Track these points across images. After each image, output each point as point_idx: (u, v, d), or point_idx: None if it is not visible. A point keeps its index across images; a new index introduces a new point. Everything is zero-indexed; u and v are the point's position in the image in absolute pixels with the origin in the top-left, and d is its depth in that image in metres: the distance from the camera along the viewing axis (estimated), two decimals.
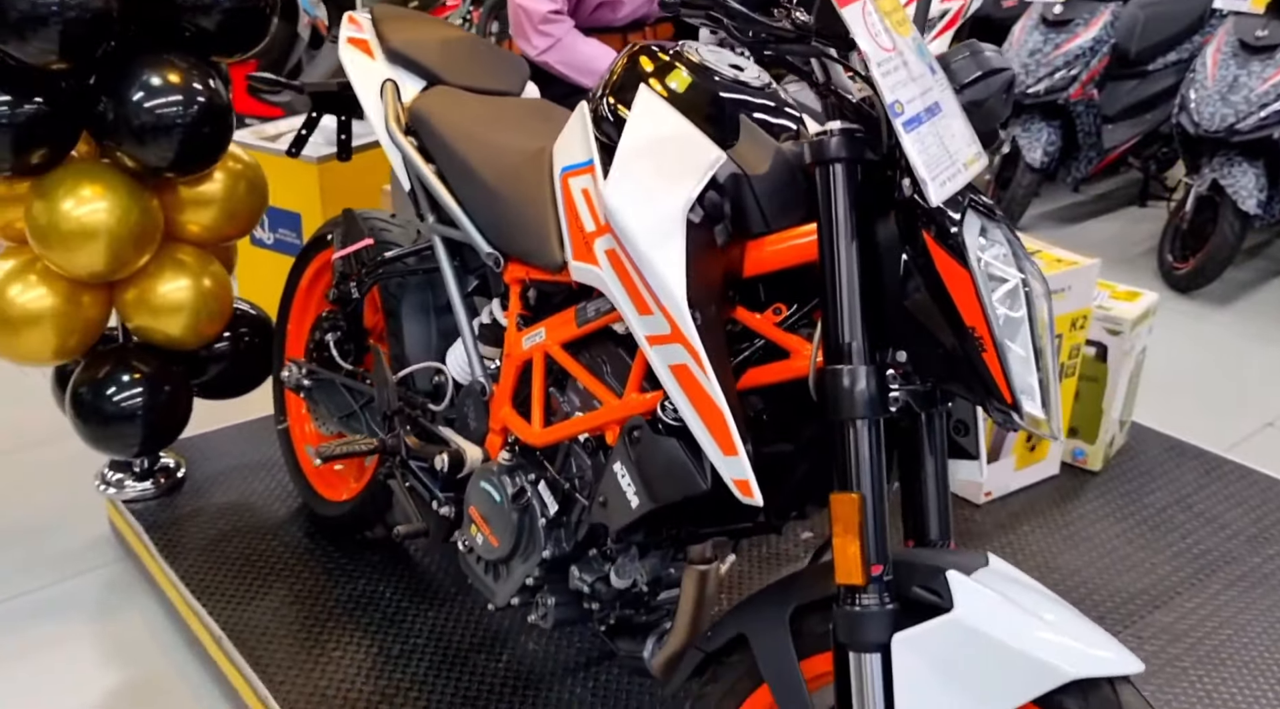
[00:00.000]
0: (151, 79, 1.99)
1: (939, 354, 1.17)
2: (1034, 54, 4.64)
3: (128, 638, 2.23)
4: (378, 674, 1.96)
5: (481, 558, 1.69)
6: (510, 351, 1.66)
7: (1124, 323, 2.54)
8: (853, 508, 1.15)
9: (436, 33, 1.99)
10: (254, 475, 2.54)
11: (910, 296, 1.16)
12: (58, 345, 2.17)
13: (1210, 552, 2.38)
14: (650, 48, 1.45)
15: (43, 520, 2.59)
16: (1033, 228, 5.05)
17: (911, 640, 1.14)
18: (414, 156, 1.79)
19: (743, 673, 1.31)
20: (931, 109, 1.10)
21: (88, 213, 2.02)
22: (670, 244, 1.22)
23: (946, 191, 1.09)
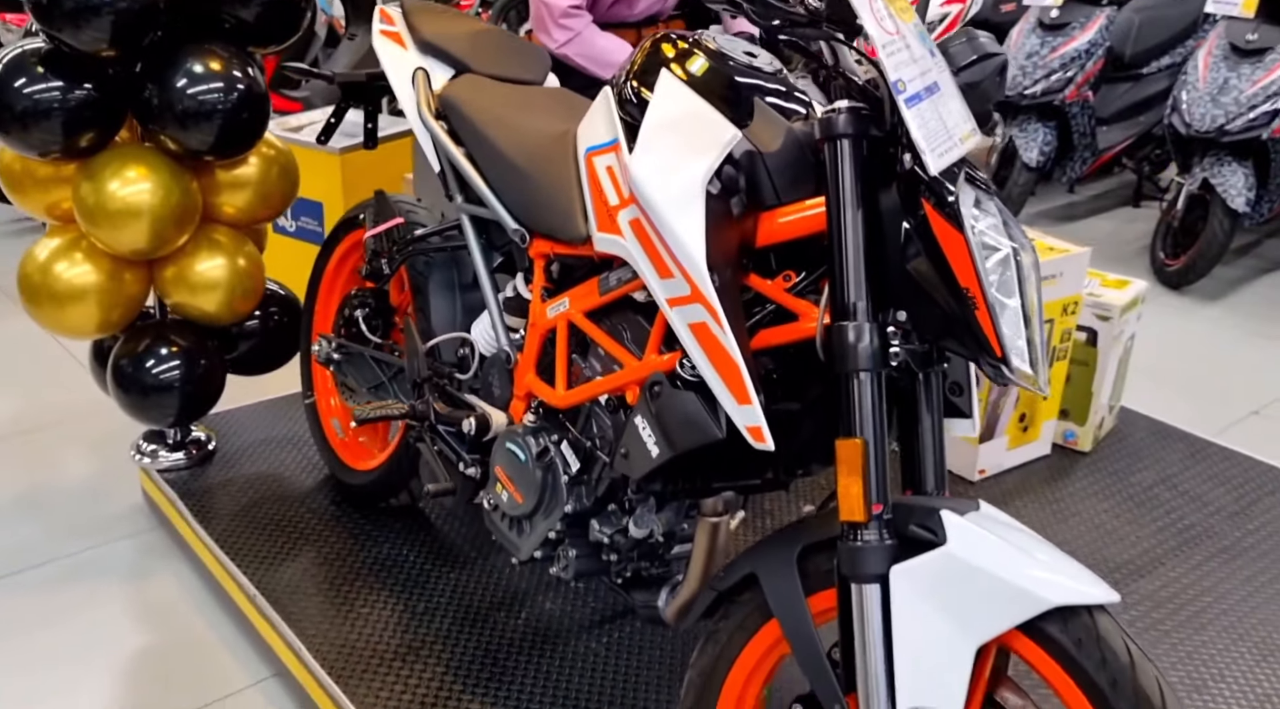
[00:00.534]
0: (194, 67, 2.11)
1: (937, 314, 1.29)
2: (1031, 56, 4.77)
3: (163, 599, 2.34)
4: (403, 629, 2.07)
5: (506, 515, 1.81)
6: (535, 321, 1.78)
7: (1113, 309, 2.66)
8: (856, 452, 1.27)
9: (464, 25, 2.11)
10: (282, 448, 2.65)
11: (910, 260, 1.28)
12: (101, 319, 2.29)
13: (1194, 526, 2.49)
14: (670, 36, 1.57)
15: (80, 491, 2.71)
16: (1029, 226, 5.16)
17: (908, 572, 1.25)
18: (444, 139, 1.91)
19: (753, 609, 1.42)
20: (931, 88, 1.21)
21: (132, 193, 2.14)
22: (691, 212, 1.34)
23: (944, 162, 1.21)
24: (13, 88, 2.04)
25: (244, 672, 2.15)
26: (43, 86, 2.05)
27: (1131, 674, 1.20)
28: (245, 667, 2.16)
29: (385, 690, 1.92)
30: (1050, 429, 2.75)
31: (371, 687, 1.92)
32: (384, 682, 1.94)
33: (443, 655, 2.01)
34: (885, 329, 1.29)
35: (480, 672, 1.98)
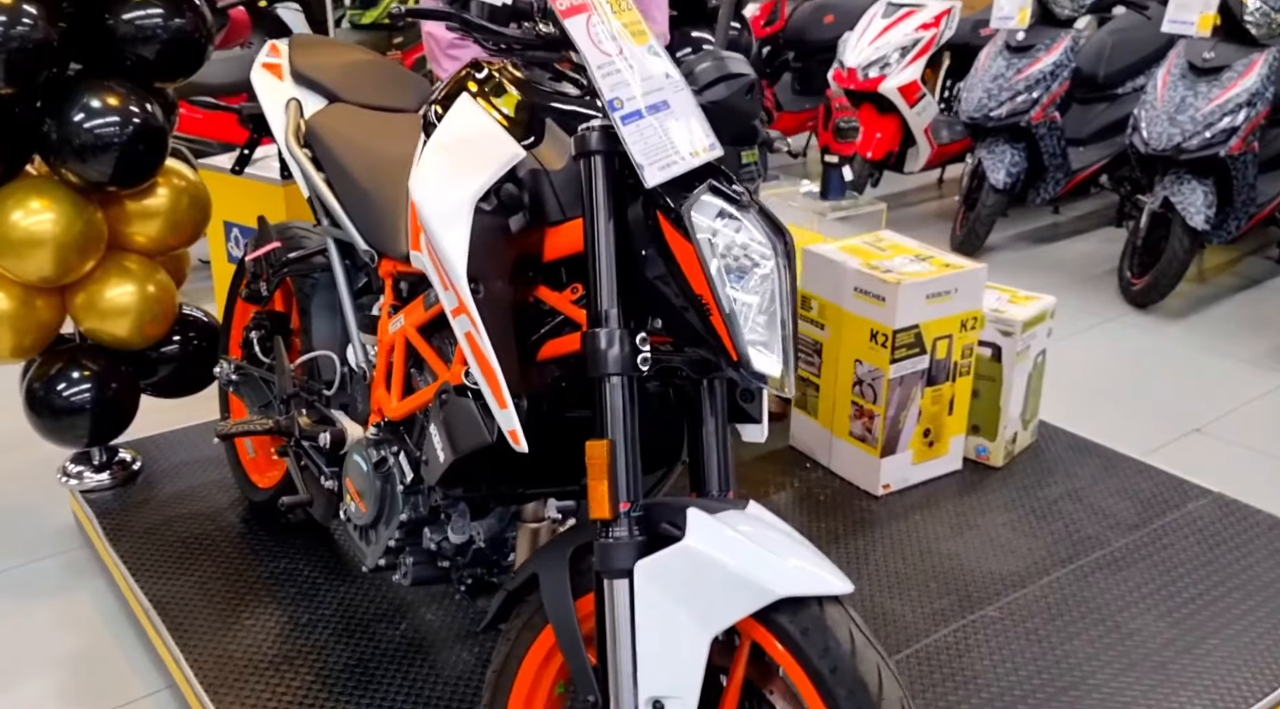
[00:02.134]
0: (91, 102, 2.23)
1: (682, 320, 1.34)
2: (996, 79, 4.79)
3: (78, 614, 2.43)
4: (284, 640, 2.14)
5: (355, 525, 1.88)
6: (381, 338, 1.85)
7: (1015, 324, 2.68)
8: (603, 453, 1.32)
9: (343, 56, 2.21)
10: (202, 470, 2.75)
11: (655, 271, 1.34)
12: (14, 344, 2.41)
13: (1088, 538, 2.49)
14: (481, 63, 1.64)
15: (15, 511, 2.82)
16: (1004, 247, 5.18)
17: (648, 566, 1.30)
18: (307, 166, 2.00)
19: (536, 609, 1.47)
20: (656, 106, 1.27)
21: (35, 223, 2.26)
22: (457, 227, 1.41)
23: (666, 175, 1.26)
24: None
25: (141, 683, 2.23)
26: None
27: (851, 661, 1.23)
28: (143, 678, 2.24)
29: (253, 700, 1.98)
30: (959, 444, 2.76)
31: (240, 696, 1.99)
32: (254, 692, 2.00)
33: (315, 665, 2.07)
34: (634, 335, 1.34)
35: (349, 681, 2.04)
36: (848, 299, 2.60)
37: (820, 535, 2.51)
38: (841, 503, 2.65)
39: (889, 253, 2.68)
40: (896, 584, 2.33)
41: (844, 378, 2.66)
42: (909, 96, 5.25)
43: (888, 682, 1.24)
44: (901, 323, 2.52)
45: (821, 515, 2.60)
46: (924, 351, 2.59)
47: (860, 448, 2.67)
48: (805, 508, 2.63)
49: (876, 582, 2.34)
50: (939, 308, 2.56)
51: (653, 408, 1.55)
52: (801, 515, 2.59)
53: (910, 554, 2.44)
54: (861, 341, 2.59)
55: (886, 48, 5.25)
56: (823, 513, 2.61)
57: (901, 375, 2.57)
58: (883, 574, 2.37)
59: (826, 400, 2.74)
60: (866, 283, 2.55)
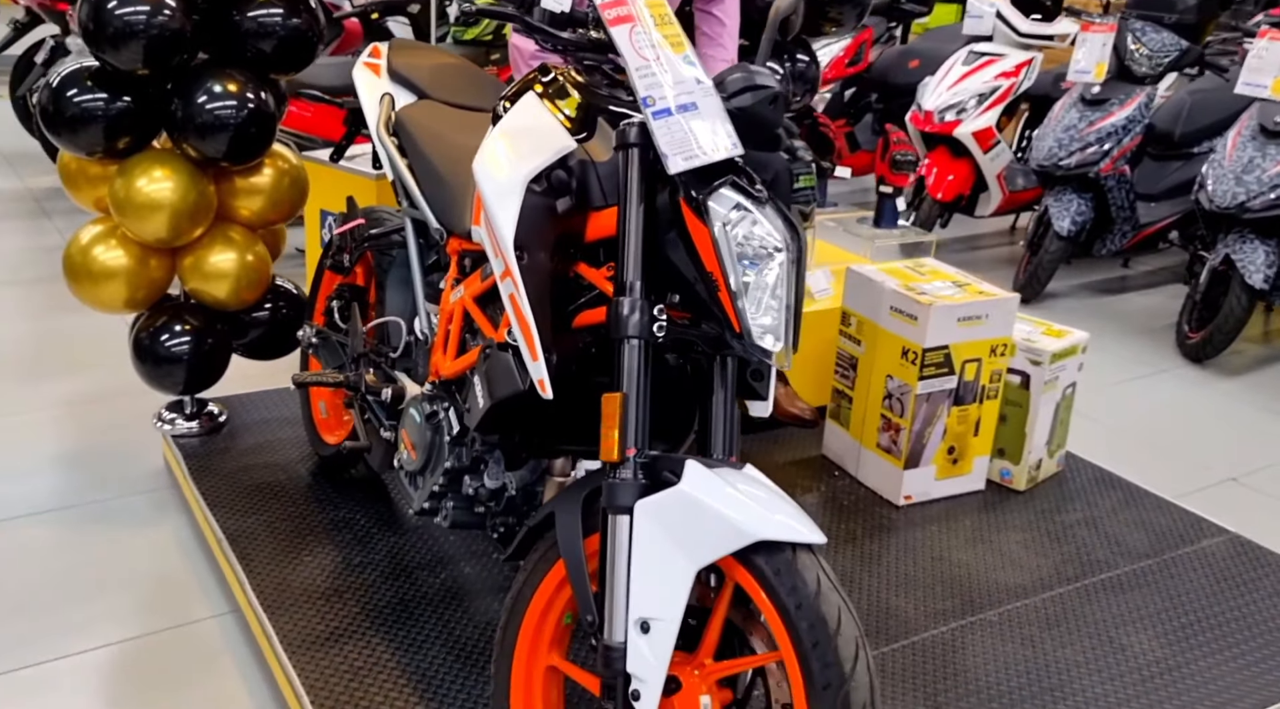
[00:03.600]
0: (213, 87, 2.52)
1: (695, 295, 1.54)
2: (1068, 129, 4.90)
3: (159, 543, 2.70)
4: (336, 576, 2.37)
5: (407, 471, 2.10)
6: (444, 307, 2.08)
7: (1044, 354, 2.81)
8: (616, 404, 1.52)
9: (435, 59, 2.46)
10: (279, 427, 3.01)
11: (674, 249, 1.54)
12: (128, 297, 2.70)
13: (1098, 562, 2.61)
14: (548, 67, 1.87)
15: (116, 452, 3.11)
16: (1067, 295, 5.26)
17: (647, 505, 1.49)
18: (393, 152, 2.25)
19: (552, 544, 1.67)
20: (685, 107, 1.48)
21: (156, 190, 2.55)
22: (510, 202, 1.62)
23: (686, 165, 1.46)
24: (66, 96, 2.48)
25: (209, 605, 2.47)
26: (89, 97, 2.49)
27: (815, 601, 1.41)
28: (211, 601, 2.49)
29: (306, 625, 2.21)
30: (983, 465, 2.90)
31: (295, 620, 2.22)
32: (306, 617, 2.24)
33: (362, 600, 2.30)
34: (653, 306, 1.54)
35: (391, 617, 2.26)
36: (884, 317, 2.77)
37: (839, 536, 2.67)
38: (863, 509, 2.80)
39: (928, 277, 2.84)
40: (903, 584, 2.47)
41: (875, 392, 2.82)
42: (983, 142, 5.38)
43: (845, 621, 1.41)
44: (931, 342, 2.67)
45: (843, 518, 2.75)
46: (952, 372, 2.73)
47: (886, 459, 2.83)
48: (829, 510, 2.79)
49: (884, 580, 2.49)
50: (969, 331, 2.71)
51: (672, 381, 1.75)
52: (824, 517, 2.75)
53: (922, 559, 2.58)
54: (894, 358, 2.75)
55: (964, 93, 5.39)
56: (844, 516, 2.76)
57: (929, 392, 2.72)
58: (892, 574, 2.51)
59: (858, 412, 2.90)
60: (901, 302, 2.71)
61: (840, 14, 3.21)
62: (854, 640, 1.41)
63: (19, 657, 2.26)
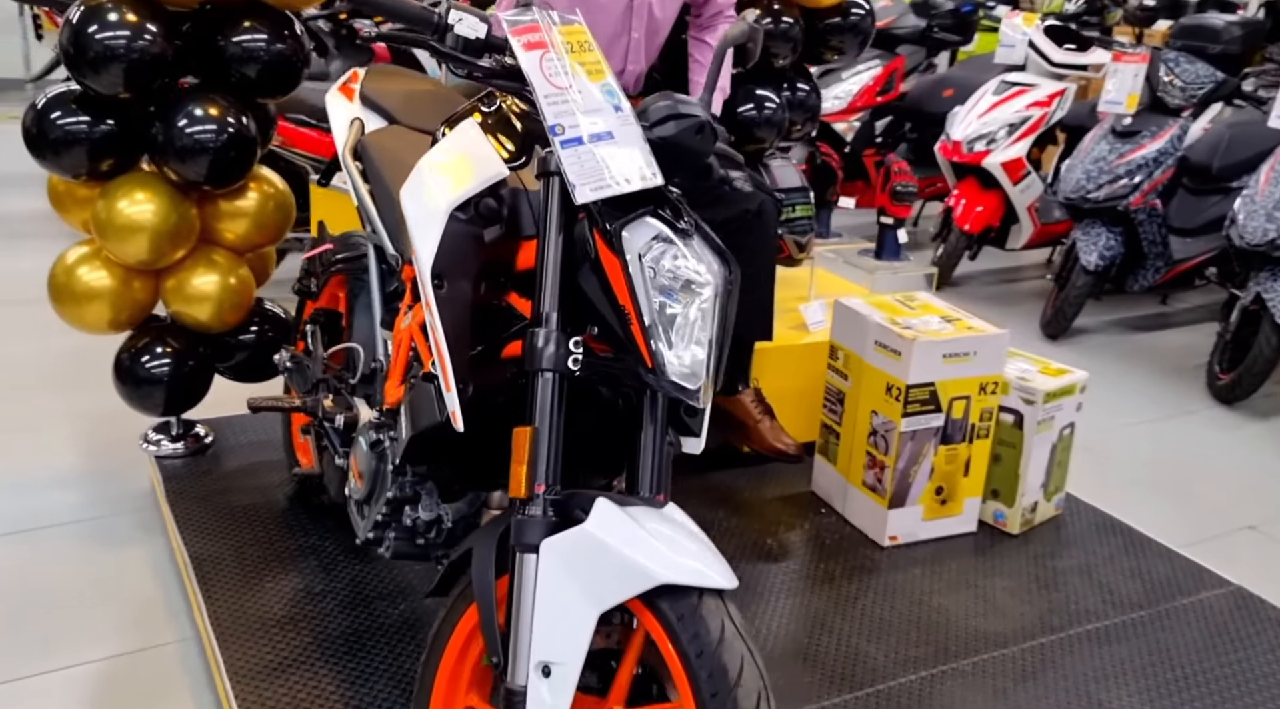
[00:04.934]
0: (194, 110, 2.53)
1: (610, 328, 1.49)
2: (1098, 161, 4.78)
3: (138, 563, 2.69)
4: (294, 604, 2.35)
5: (354, 499, 2.07)
6: (396, 334, 2.06)
7: (1037, 393, 2.71)
8: (525, 438, 1.47)
9: (409, 85, 2.45)
10: (263, 451, 3.01)
11: (588, 281, 1.49)
12: (112, 318, 2.72)
13: (1087, 612, 2.49)
14: (492, 93, 1.84)
15: (107, 472, 3.13)
16: (1098, 331, 5.11)
17: (552, 544, 1.44)
18: (356, 177, 2.23)
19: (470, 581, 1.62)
20: (600, 136, 1.43)
21: (136, 212, 2.56)
22: (430, 231, 1.59)
23: (597, 195, 1.42)
24: (49, 119, 2.51)
25: (175, 629, 2.46)
26: (73, 120, 2.52)
27: (717, 649, 1.35)
28: (176, 625, 2.47)
29: (255, 653, 2.19)
30: (974, 506, 2.79)
31: (245, 649, 2.20)
32: (257, 646, 2.21)
33: (316, 630, 2.27)
34: (568, 338, 1.49)
35: (343, 647, 2.22)
36: (869, 352, 2.69)
37: (816, 577, 2.58)
38: (846, 549, 2.71)
39: (917, 311, 2.76)
40: (876, 629, 2.38)
41: (861, 428, 2.74)
42: (1013, 173, 5.26)
43: (748, 672, 1.34)
44: (915, 379, 2.59)
45: (824, 558, 2.67)
46: (939, 409, 2.65)
47: (871, 497, 2.74)
48: (810, 549, 2.70)
49: (856, 624, 2.40)
50: (957, 368, 2.62)
51: (603, 415, 1.70)
52: (804, 556, 2.67)
53: (899, 604, 2.49)
54: (878, 394, 2.67)
55: (994, 123, 5.29)
56: (826, 556, 2.68)
57: (914, 430, 2.64)
58: (866, 618, 2.42)
59: (845, 449, 2.82)
60: (886, 337, 2.63)
61: (841, 42, 3.15)
62: (756, 693, 1.35)
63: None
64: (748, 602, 2.46)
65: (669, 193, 1.54)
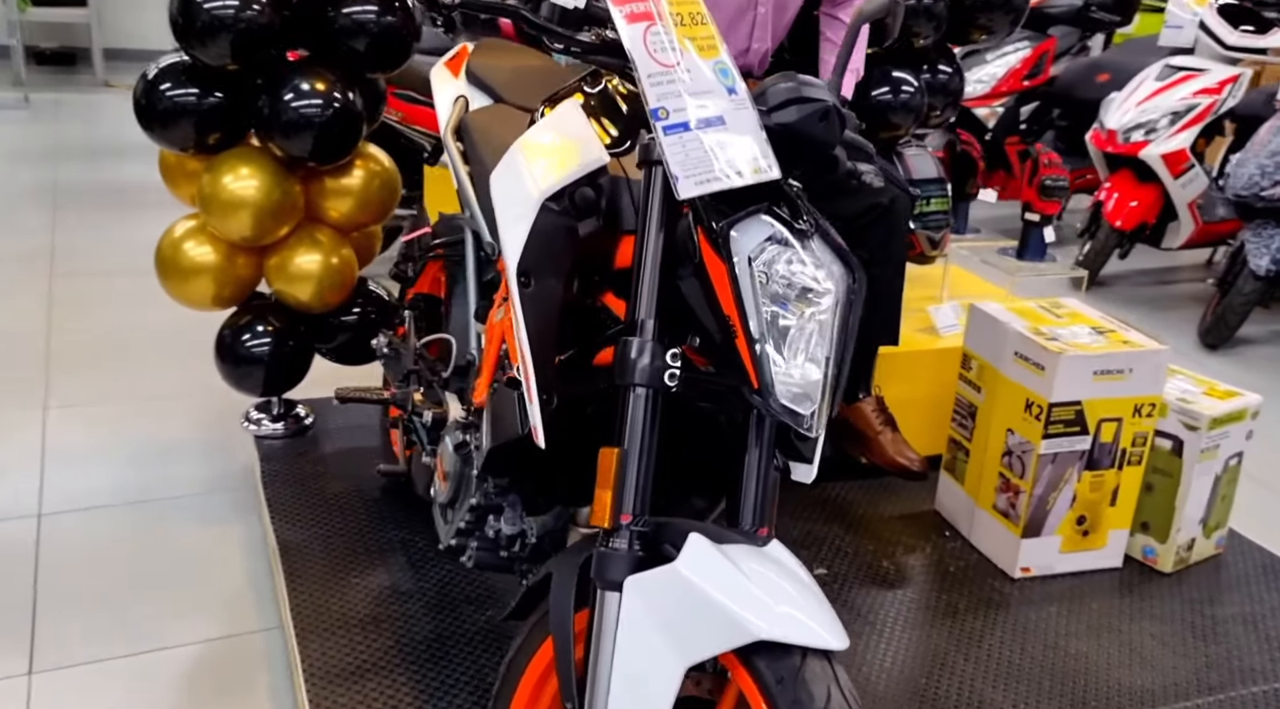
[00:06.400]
0: (301, 84, 2.44)
1: (712, 340, 1.31)
2: (1275, 155, 4.34)
3: (229, 545, 2.64)
4: (378, 603, 2.24)
5: (439, 502, 1.94)
6: (489, 329, 1.91)
7: (1201, 418, 2.41)
8: (612, 460, 1.30)
9: (518, 60, 2.30)
10: (362, 435, 2.92)
11: (689, 286, 1.31)
12: (215, 294, 2.66)
13: (1253, 670, 2.21)
14: (598, 72, 1.67)
15: (211, 448, 3.10)
16: (1264, 341, 4.68)
17: (638, 583, 1.27)
18: (456, 158, 2.09)
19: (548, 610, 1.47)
20: (709, 121, 1.25)
21: (240, 187, 2.49)
22: (521, 222, 1.43)
23: (701, 189, 1.23)
24: (159, 91, 2.45)
25: (259, 618, 2.40)
26: (181, 92, 2.45)
27: None
28: (262, 614, 2.41)
29: (334, 653, 2.09)
30: (1121, 539, 2.52)
31: (325, 647, 2.10)
32: (336, 645, 2.11)
33: (399, 633, 2.16)
34: (666, 349, 1.32)
35: (424, 654, 2.11)
36: (1007, 363, 2.44)
37: (937, 608, 2.36)
38: (972, 578, 2.47)
39: (1064, 320, 2.49)
40: (1004, 673, 2.15)
41: (994, 446, 2.49)
42: (1173, 166, 4.85)
43: None
44: (1059, 397, 2.33)
45: (947, 587, 2.44)
46: (1085, 432, 2.38)
47: (1002, 523, 2.49)
48: (931, 576, 2.48)
49: (981, 666, 2.17)
50: (1108, 387, 2.35)
51: (702, 432, 1.52)
52: (925, 584, 2.44)
53: (1031, 646, 2.24)
54: (1015, 411, 2.42)
55: (1155, 111, 4.87)
56: (949, 585, 2.45)
57: (1055, 453, 2.38)
58: (992, 660, 2.19)
59: (975, 468, 2.57)
60: (1027, 348, 2.38)
61: (990, 20, 2.87)
62: None
63: (72, 653, 2.23)
64: (859, 630, 2.25)
65: (787, 187, 1.35)
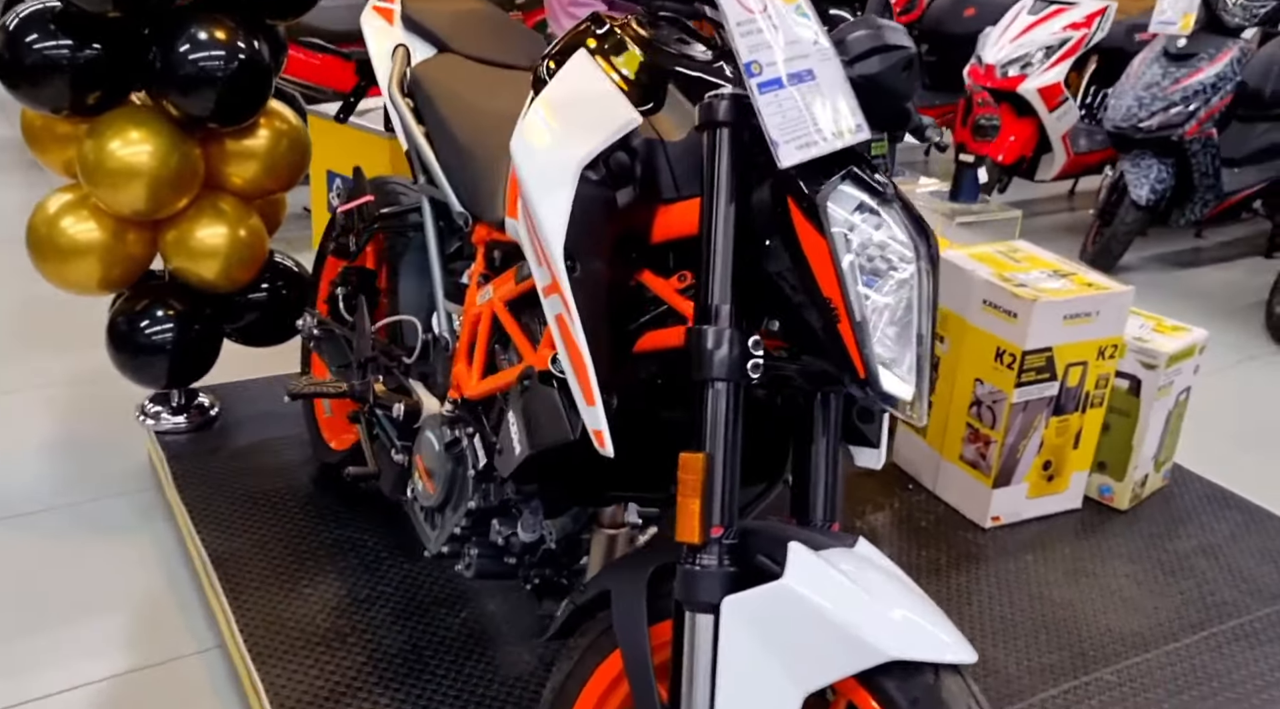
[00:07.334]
0: (198, 34, 2.13)
1: (804, 325, 1.16)
2: (1150, 88, 4.45)
3: (140, 558, 2.36)
4: (339, 614, 2.03)
5: (421, 505, 1.74)
6: (468, 309, 1.71)
7: (1159, 356, 2.42)
8: (698, 467, 1.15)
9: (456, 5, 2.07)
10: (279, 423, 2.66)
11: (777, 264, 1.16)
12: (101, 277, 2.34)
13: (1224, 603, 2.24)
14: (601, 16, 1.48)
15: (95, 446, 2.77)
16: (1139, 269, 4.84)
17: (740, 603, 1.13)
18: (408, 118, 1.86)
19: (605, 629, 1.32)
20: (800, 75, 1.09)
21: (131, 154, 2.18)
22: (557, 196, 1.25)
23: (803, 155, 1.08)
24: (24, 43, 2.10)
25: (193, 639, 2.14)
26: (52, 44, 2.11)
27: None
28: (194, 634, 2.15)
29: (300, 675, 1.88)
30: (1081, 481, 2.52)
31: (287, 668, 1.89)
32: (301, 665, 1.90)
33: (369, 646, 1.96)
34: (747, 337, 1.17)
35: (401, 667, 1.91)
36: (974, 312, 2.38)
37: (921, 566, 2.31)
38: (946, 532, 2.44)
39: (1024, 265, 2.45)
40: (1003, 631, 2.12)
41: (960, 397, 2.44)
42: (1049, 100, 4.93)
43: None
44: (1033, 344, 2.29)
45: (923, 543, 2.39)
46: (1054, 378, 2.35)
47: (971, 474, 2.46)
48: (905, 533, 2.42)
49: (980, 626, 2.13)
50: (1076, 331, 2.32)
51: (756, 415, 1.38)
52: (901, 541, 2.39)
53: (1019, 598, 2.22)
54: (985, 360, 2.37)
55: (1030, 46, 4.93)
56: (924, 540, 2.40)
57: (1026, 401, 2.34)
58: (988, 618, 2.16)
59: (938, 419, 2.52)
60: (997, 296, 2.32)
61: None
62: None
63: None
64: None
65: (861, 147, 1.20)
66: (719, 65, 1.42)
